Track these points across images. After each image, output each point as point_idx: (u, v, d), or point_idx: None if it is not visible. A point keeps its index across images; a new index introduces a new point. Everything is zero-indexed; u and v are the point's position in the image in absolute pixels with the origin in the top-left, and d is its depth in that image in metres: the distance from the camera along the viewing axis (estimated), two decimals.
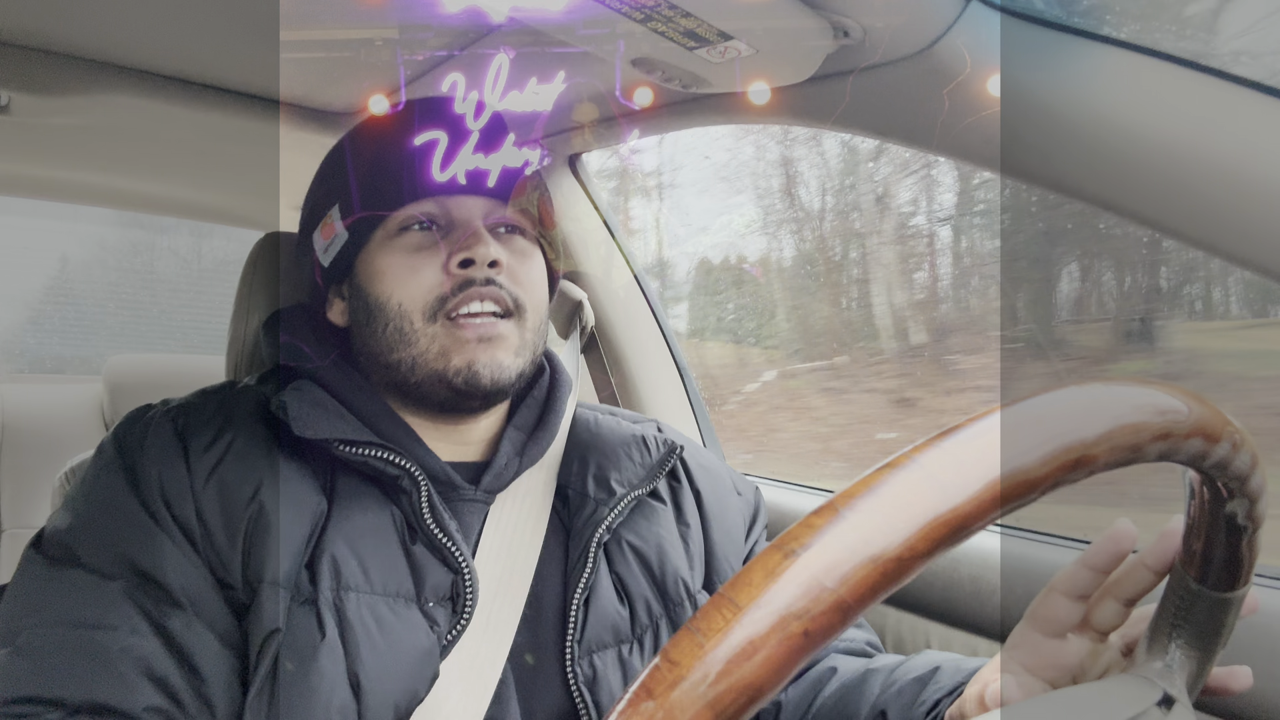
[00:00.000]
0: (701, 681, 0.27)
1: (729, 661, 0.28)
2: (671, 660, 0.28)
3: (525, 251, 0.83)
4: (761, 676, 0.28)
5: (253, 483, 0.71)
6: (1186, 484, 0.45)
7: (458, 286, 0.77)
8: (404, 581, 0.71)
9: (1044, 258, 1.81)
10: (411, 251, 0.79)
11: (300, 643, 0.66)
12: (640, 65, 0.82)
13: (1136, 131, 0.69)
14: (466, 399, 0.79)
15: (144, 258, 3.36)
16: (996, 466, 0.31)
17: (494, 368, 0.77)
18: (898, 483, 0.30)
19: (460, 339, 0.77)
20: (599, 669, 0.75)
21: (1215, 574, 0.46)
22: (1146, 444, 0.34)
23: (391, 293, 0.78)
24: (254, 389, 0.81)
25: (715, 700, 0.27)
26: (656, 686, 0.28)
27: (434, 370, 0.77)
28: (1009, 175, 0.81)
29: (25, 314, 3.01)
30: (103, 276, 3.24)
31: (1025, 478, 0.31)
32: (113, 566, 0.67)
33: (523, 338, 0.81)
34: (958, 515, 0.30)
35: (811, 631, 0.28)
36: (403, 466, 0.74)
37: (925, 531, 0.29)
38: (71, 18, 0.99)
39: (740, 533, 0.93)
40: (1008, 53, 0.75)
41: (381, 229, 0.80)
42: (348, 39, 1.04)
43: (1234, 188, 0.66)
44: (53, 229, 3.06)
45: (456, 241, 0.78)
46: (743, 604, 0.28)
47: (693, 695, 0.27)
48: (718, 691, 0.27)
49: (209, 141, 1.39)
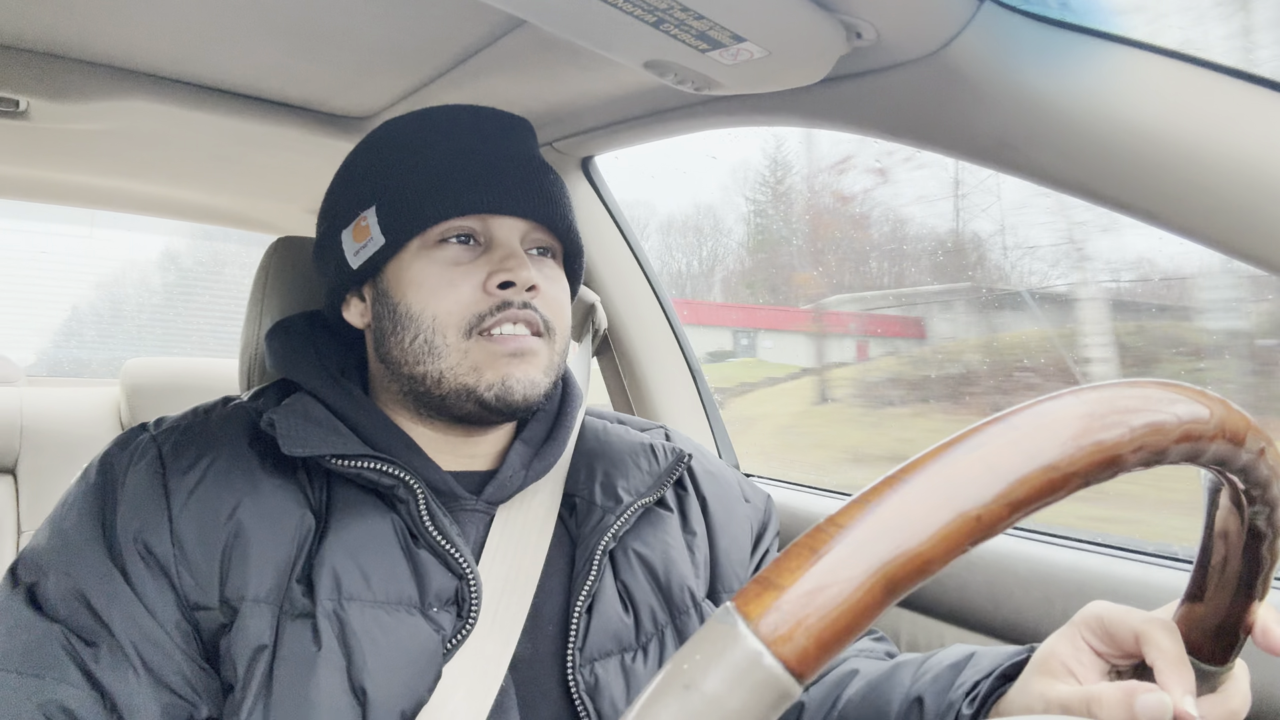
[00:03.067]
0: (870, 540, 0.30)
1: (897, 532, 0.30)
2: (837, 523, 0.31)
3: (555, 277, 0.84)
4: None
5: (231, 501, 0.71)
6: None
7: (496, 307, 0.77)
8: (406, 587, 0.71)
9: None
10: (449, 265, 0.78)
11: (296, 657, 0.66)
12: (653, 68, 0.82)
13: (1153, 132, 0.69)
14: (495, 414, 0.78)
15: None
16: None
17: (527, 384, 0.78)
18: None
19: (494, 354, 0.77)
20: (601, 677, 0.75)
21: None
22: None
23: (426, 305, 0.78)
24: (247, 405, 0.81)
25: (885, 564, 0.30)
26: (818, 544, 0.30)
27: (464, 385, 0.77)
28: (1025, 177, 0.80)
29: (44, 317, 3.05)
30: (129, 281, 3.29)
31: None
32: (62, 603, 0.67)
33: (551, 359, 0.81)
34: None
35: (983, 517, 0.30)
36: (397, 477, 0.74)
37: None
38: (90, 23, 0.99)
39: (747, 540, 0.92)
40: (1022, 53, 0.74)
41: (420, 238, 0.79)
42: (366, 43, 1.04)
43: (1252, 188, 0.65)
44: (73, 233, 3.10)
45: (496, 261, 0.78)
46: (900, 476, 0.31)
47: (861, 552, 0.30)
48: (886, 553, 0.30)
49: (227, 146, 1.40)
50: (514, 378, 0.77)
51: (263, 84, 1.20)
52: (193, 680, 0.68)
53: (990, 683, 0.65)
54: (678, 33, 0.74)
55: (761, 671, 0.28)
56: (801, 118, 0.96)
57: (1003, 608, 1.05)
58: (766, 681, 0.28)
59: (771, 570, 0.30)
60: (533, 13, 0.73)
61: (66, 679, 0.64)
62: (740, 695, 0.28)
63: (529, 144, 0.86)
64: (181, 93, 1.18)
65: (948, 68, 0.77)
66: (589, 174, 1.46)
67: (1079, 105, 0.72)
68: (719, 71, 0.82)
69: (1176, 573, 0.94)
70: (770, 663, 0.28)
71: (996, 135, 0.78)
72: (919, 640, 1.17)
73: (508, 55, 1.03)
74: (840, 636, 0.29)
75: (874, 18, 0.75)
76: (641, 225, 3.53)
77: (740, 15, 0.71)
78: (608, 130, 1.24)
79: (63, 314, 3.10)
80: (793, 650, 0.28)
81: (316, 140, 1.33)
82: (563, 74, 1.07)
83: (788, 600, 0.29)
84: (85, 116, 1.19)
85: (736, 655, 0.28)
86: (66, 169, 1.54)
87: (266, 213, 1.91)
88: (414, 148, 0.82)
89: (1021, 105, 0.75)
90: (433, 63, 1.09)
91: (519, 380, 0.77)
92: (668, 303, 1.54)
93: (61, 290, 3.10)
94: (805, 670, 0.28)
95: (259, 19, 0.98)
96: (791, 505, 1.38)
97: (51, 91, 1.11)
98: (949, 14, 0.73)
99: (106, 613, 0.67)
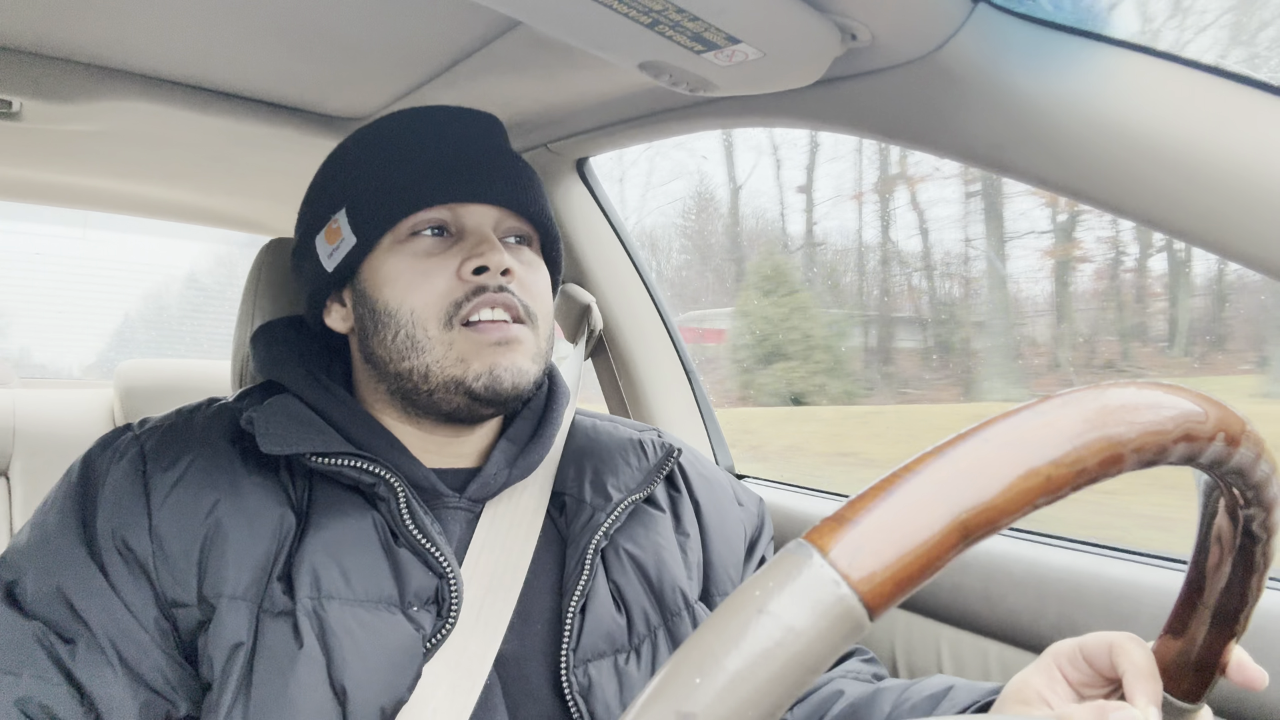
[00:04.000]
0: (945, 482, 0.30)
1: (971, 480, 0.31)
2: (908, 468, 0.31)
3: (532, 263, 0.83)
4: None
5: (210, 499, 0.71)
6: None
7: (472, 292, 0.76)
8: (386, 586, 0.71)
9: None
10: (423, 257, 0.78)
11: (276, 654, 0.66)
12: (647, 69, 0.82)
13: (1147, 133, 0.69)
14: (485, 405, 0.78)
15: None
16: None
17: (515, 372, 0.77)
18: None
19: (479, 343, 0.76)
20: (594, 678, 0.75)
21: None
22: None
23: (403, 299, 0.77)
24: (230, 406, 0.81)
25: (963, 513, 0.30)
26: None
27: (452, 377, 0.76)
28: (1018, 178, 0.80)
29: (42, 321, 3.08)
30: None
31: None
32: (41, 600, 0.67)
33: (538, 345, 0.80)
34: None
35: (1053, 477, 0.31)
36: (378, 475, 0.73)
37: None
38: (82, 23, 0.99)
39: (741, 544, 0.92)
40: (1016, 55, 0.74)
41: (390, 234, 0.79)
42: (360, 44, 1.04)
43: (1244, 189, 0.65)
44: (68, 235, 3.12)
45: (469, 248, 0.78)
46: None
47: (938, 496, 0.30)
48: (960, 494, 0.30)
49: (221, 147, 1.39)
50: (501, 366, 0.76)
51: (257, 85, 1.19)
52: (171, 678, 0.68)
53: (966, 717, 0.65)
54: (672, 34, 0.73)
55: (838, 602, 0.28)
56: (796, 119, 0.97)
57: (997, 608, 1.05)
58: (842, 613, 0.28)
59: (845, 509, 0.30)
60: (527, 14, 0.73)
61: (44, 676, 0.64)
62: (816, 623, 0.28)
63: (496, 136, 0.86)
64: (175, 93, 1.18)
65: (942, 69, 0.77)
66: (584, 175, 1.46)
67: (1073, 107, 0.72)
68: (714, 73, 0.82)
69: (1169, 573, 0.94)
70: (846, 592, 0.28)
71: (990, 136, 0.79)
72: (914, 640, 1.17)
73: (502, 56, 1.03)
74: (914, 576, 0.29)
75: (868, 19, 0.75)
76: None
77: (735, 17, 0.71)
78: (602, 132, 1.23)
79: (115, 320, 3.18)
80: (869, 583, 0.28)
81: (310, 141, 1.32)
82: (557, 75, 1.07)
83: (864, 534, 0.29)
84: (78, 117, 1.18)
85: (813, 584, 0.28)
86: (59, 170, 1.53)
87: (260, 214, 1.91)
88: (379, 148, 0.82)
89: (1015, 107, 0.75)
90: (427, 64, 1.09)
91: (506, 369, 0.76)
92: (663, 305, 1.54)
93: (113, 296, 3.18)
94: (878, 605, 0.28)
95: (254, 20, 0.97)
96: (785, 506, 1.38)
97: (44, 92, 1.10)
98: (943, 16, 0.74)
99: (85, 610, 0.67)
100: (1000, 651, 1.06)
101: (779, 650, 0.27)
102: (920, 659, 1.16)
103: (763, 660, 0.27)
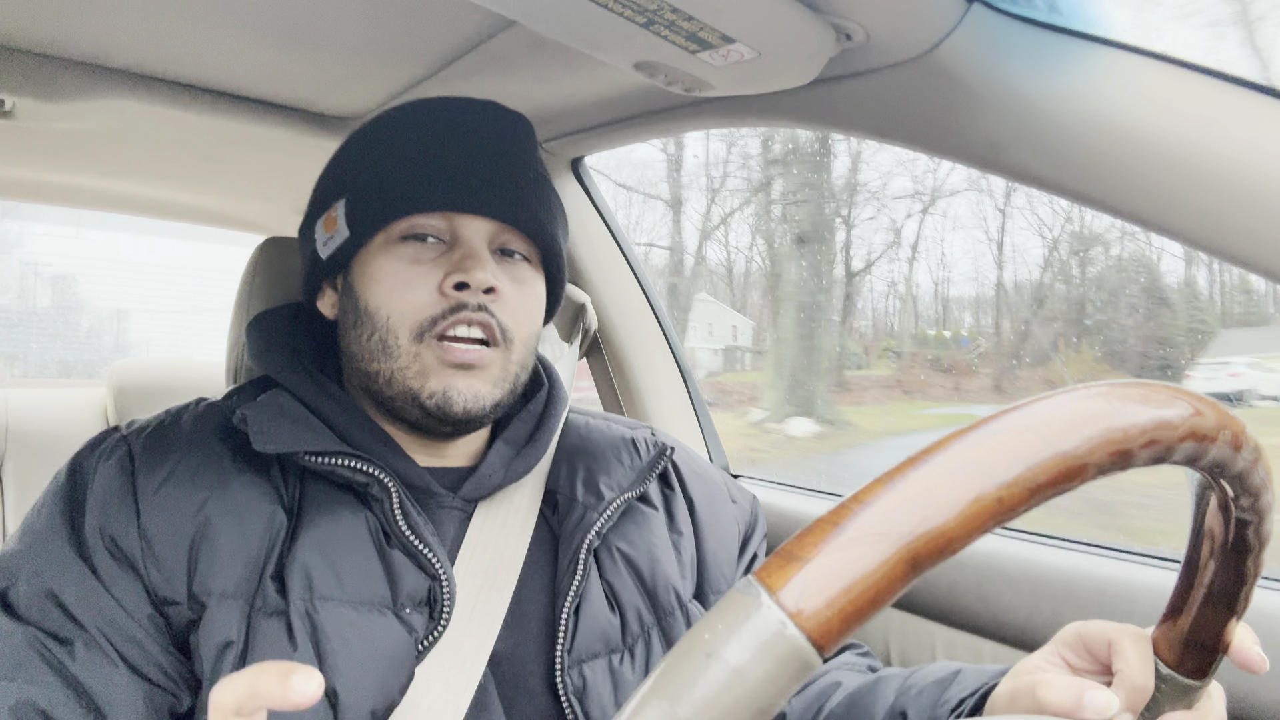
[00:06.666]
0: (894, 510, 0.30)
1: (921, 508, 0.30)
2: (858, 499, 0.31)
3: (525, 280, 0.81)
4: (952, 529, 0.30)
5: (199, 497, 0.71)
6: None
7: (449, 309, 0.75)
8: (379, 588, 0.71)
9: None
10: (409, 264, 0.77)
11: (269, 655, 0.66)
12: (643, 68, 0.82)
13: (1141, 134, 0.69)
14: (438, 423, 0.77)
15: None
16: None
17: (469, 396, 0.76)
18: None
19: (441, 361, 0.75)
20: (589, 679, 0.74)
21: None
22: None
23: (383, 303, 0.76)
24: (220, 404, 0.81)
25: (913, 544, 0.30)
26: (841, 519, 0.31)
27: (409, 388, 0.76)
28: (1013, 178, 0.80)
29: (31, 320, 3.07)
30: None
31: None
32: (34, 604, 0.67)
33: (505, 369, 0.79)
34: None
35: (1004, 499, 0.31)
36: (370, 474, 0.73)
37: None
38: (74, 21, 0.99)
39: (734, 542, 0.92)
40: (1011, 55, 0.75)
41: (384, 232, 0.78)
42: (354, 43, 1.04)
43: (1240, 190, 0.65)
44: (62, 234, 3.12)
45: (455, 261, 0.76)
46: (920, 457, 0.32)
47: (886, 528, 0.30)
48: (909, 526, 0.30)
49: (213, 146, 1.39)
50: (455, 389, 0.75)
51: (250, 84, 1.19)
52: (171, 671, 0.68)
53: (975, 700, 0.65)
54: (668, 34, 0.74)
55: (784, 642, 0.28)
56: (791, 119, 0.97)
57: (991, 606, 1.06)
58: (790, 652, 0.28)
59: (794, 544, 0.30)
60: (522, 13, 0.73)
61: (40, 680, 0.64)
62: (763, 665, 0.28)
63: (514, 140, 0.83)
64: (169, 92, 1.17)
65: (937, 69, 0.77)
66: (579, 174, 1.46)
67: (1068, 107, 0.72)
68: (709, 73, 0.82)
69: (1162, 572, 0.94)
70: (793, 633, 0.28)
71: (985, 136, 0.79)
72: (908, 639, 1.17)
73: (497, 56, 1.03)
74: (863, 610, 0.29)
75: (864, 19, 0.75)
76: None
77: (730, 16, 0.71)
78: (598, 131, 1.23)
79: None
80: (816, 622, 0.28)
81: (304, 140, 1.32)
82: (552, 75, 1.07)
83: (811, 572, 0.29)
84: (72, 116, 1.18)
85: (759, 625, 0.28)
86: (53, 169, 1.52)
87: (254, 213, 1.90)
88: (389, 141, 0.81)
89: (1010, 107, 0.75)
90: (421, 63, 1.09)
91: (460, 392, 0.75)
92: (658, 304, 1.54)
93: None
94: (827, 642, 0.29)
95: (247, 18, 0.97)
96: (780, 506, 1.39)
97: (37, 90, 1.10)
98: (938, 16, 0.74)
99: (78, 610, 0.67)
100: (994, 650, 1.06)
101: (726, 695, 0.28)
102: (915, 657, 1.16)
103: (712, 705, 0.27)
